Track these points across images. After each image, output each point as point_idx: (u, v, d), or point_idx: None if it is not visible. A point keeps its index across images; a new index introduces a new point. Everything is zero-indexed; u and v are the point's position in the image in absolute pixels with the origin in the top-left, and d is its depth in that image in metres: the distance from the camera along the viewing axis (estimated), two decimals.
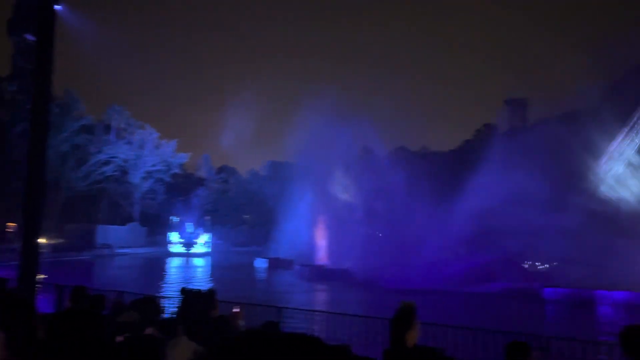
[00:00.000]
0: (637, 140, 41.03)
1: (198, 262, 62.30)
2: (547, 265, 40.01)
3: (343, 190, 53.35)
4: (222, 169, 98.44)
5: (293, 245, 53.91)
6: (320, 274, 44.69)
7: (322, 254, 51.98)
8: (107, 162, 76.18)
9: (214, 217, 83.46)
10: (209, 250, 72.45)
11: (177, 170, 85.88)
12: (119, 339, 5.00)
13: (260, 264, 55.25)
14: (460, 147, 67.84)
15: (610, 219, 38.03)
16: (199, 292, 7.24)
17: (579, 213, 37.18)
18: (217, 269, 54.10)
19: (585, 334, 12.56)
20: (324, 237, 52.88)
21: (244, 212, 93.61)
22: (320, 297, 35.37)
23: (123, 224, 75.67)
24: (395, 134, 59.84)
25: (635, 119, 40.56)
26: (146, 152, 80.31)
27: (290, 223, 55.01)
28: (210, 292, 7.24)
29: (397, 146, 71.03)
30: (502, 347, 4.66)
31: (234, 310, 8.44)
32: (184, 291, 7.44)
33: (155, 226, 78.67)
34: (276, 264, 53.11)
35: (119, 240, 68.66)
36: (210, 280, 43.38)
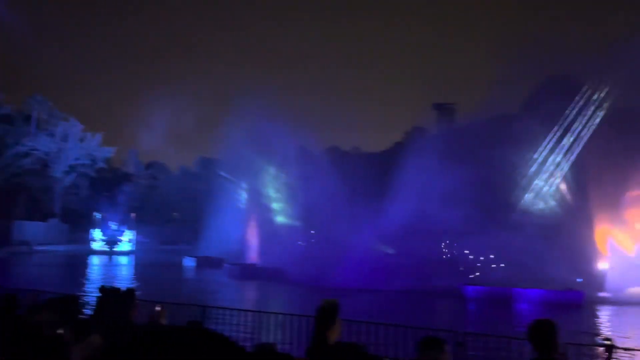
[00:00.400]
0: (559, 150, 43.33)
1: (122, 260, 60.24)
2: (479, 264, 41.54)
3: (275, 188, 53.21)
4: (150, 165, 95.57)
5: (223, 244, 53.20)
6: (251, 273, 44.36)
7: (253, 253, 51.60)
8: (26, 155, 72.10)
9: (141, 214, 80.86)
10: (134, 248, 70.28)
11: (102, 165, 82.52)
12: (29, 339, 4.73)
13: (189, 262, 54.10)
14: (390, 149, 69.32)
15: (530, 221, 40.14)
16: (117, 290, 6.98)
17: (502, 215, 39.05)
18: (142, 267, 52.49)
19: (500, 330, 13.20)
20: (255, 236, 52.52)
21: (173, 210, 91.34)
22: (250, 296, 35.11)
23: (43, 220, 71.88)
24: (328, 133, 60.56)
25: (556, 128, 42.83)
26: (69, 145, 76.65)
27: (221, 221, 54.26)
28: (130, 292, 6.99)
29: (330, 146, 71.79)
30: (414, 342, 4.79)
31: (156, 309, 8.19)
32: (102, 289, 7.17)
33: (78, 223, 75.18)
34: (205, 263, 52.19)
35: (37, 237, 65.28)
36: (135, 279, 42.03)
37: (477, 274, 38.31)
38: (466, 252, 42.12)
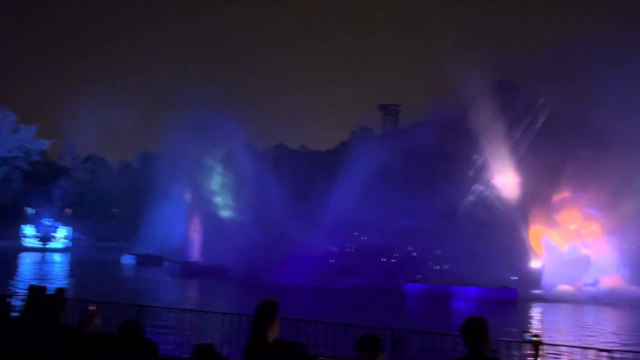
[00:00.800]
0: (497, 153, 44.80)
1: (56, 258, 57.82)
2: (422, 263, 42.31)
3: (219, 184, 52.50)
4: (88, 159, 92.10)
5: (164, 241, 52.07)
6: (192, 271, 43.62)
7: (195, 250, 50.74)
8: None
9: (78, 210, 77.87)
10: (69, 245, 67.67)
11: (37, 158, 78.74)
12: None
13: (128, 260, 52.62)
14: (337, 147, 69.87)
15: (469, 220, 41.41)
16: (46, 290, 6.70)
17: (437, 214, 40.11)
18: (77, 265, 50.56)
19: (438, 327, 13.54)
20: (198, 233, 51.66)
21: (112, 205, 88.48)
22: (190, 295, 34.50)
23: None
24: (276, 131, 60.37)
25: (495, 132, 44.26)
26: (1, 136, 72.77)
27: (162, 217, 53.06)
28: (59, 291, 6.72)
29: (277, 143, 71.64)
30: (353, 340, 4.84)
31: (90, 308, 7.89)
32: (31, 289, 6.88)
33: (10, 218, 71.50)
34: (145, 261, 50.94)
35: None
36: (68, 277, 40.42)
37: (419, 276, 39.11)
38: (409, 249, 42.98)
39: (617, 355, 9.83)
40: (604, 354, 9.25)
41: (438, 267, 38.76)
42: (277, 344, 5.01)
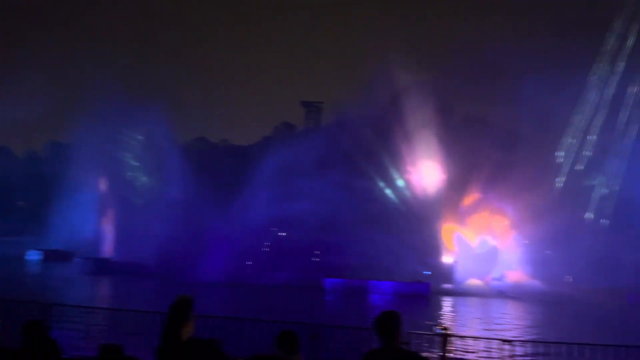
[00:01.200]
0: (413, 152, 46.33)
1: None
2: (340, 258, 42.84)
3: (134, 178, 50.60)
4: None
5: (75, 235, 49.57)
6: (105, 268, 41.83)
7: (108, 246, 48.68)
8: None
9: None
10: None
11: None
12: None
13: (34, 256, 49.63)
14: (259, 142, 69.48)
15: (385, 217, 42.59)
16: None
17: (355, 210, 41.03)
18: None
19: (353, 321, 13.81)
20: (111, 227, 49.58)
21: (17, 198, 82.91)
22: (102, 293, 33.08)
23: None
24: (196, 124, 59.07)
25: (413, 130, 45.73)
26: None
27: (72, 210, 50.40)
28: None
29: (197, 136, 70.02)
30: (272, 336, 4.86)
31: None
32: None
33: None
34: (53, 256, 48.30)
35: None
36: None
37: (339, 268, 39.75)
38: (328, 244, 43.52)
39: (517, 345, 10.64)
40: (507, 345, 9.91)
41: (356, 263, 39.57)
42: (191, 342, 4.93)
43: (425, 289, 36.72)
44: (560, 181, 46.75)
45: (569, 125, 46.73)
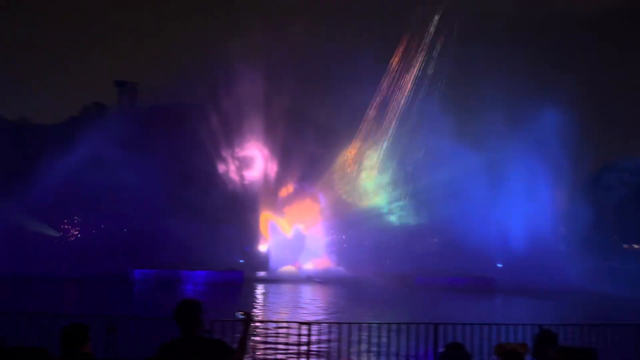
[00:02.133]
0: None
1: None
2: (151, 248, 41.12)
3: None
4: None
5: None
6: None
7: None
8: None
9: None
10: None
11: None
12: None
13: None
14: (66, 122, 63.56)
15: (201, 205, 42.09)
16: None
17: (167, 198, 40.11)
18: None
19: (163, 312, 13.60)
20: None
21: None
22: None
23: None
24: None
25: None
26: None
27: None
28: None
29: None
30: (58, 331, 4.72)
31: None
32: None
33: None
34: None
35: None
36: None
37: (150, 258, 38.29)
38: (139, 234, 41.70)
39: (314, 326, 11.63)
40: (304, 327, 10.76)
41: (169, 252, 38.52)
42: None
43: (239, 277, 37.30)
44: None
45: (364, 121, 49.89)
